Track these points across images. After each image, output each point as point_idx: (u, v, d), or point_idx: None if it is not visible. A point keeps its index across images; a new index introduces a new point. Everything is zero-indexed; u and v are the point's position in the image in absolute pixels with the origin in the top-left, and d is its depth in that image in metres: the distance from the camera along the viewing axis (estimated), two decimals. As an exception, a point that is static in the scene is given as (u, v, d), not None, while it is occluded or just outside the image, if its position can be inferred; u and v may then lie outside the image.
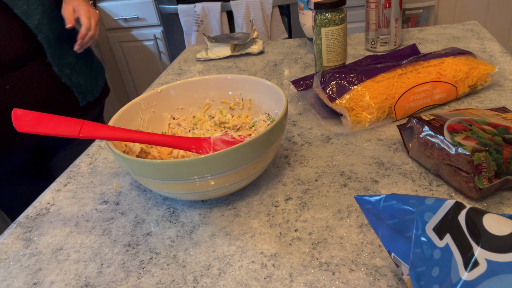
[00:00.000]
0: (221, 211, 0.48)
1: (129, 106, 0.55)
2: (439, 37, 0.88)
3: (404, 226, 0.30)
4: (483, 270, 0.24)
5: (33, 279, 0.42)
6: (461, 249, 0.26)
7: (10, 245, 0.47)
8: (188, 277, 0.40)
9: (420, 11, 1.99)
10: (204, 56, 0.97)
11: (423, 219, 0.29)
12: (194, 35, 1.85)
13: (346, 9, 0.71)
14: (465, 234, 0.26)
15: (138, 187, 0.54)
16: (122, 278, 0.41)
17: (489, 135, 0.43)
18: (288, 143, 0.59)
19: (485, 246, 0.24)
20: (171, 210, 0.49)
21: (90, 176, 0.58)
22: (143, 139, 0.48)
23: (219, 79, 0.60)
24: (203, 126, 0.60)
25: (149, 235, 0.46)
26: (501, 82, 0.66)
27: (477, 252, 0.24)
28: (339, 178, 0.50)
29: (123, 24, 2.11)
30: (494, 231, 0.25)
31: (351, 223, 0.43)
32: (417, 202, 0.30)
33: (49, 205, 0.53)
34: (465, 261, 0.25)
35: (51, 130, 0.45)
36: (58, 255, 0.45)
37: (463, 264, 0.25)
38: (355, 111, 0.58)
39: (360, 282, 0.37)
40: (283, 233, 0.43)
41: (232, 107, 0.61)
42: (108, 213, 0.50)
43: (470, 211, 0.27)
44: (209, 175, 0.43)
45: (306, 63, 0.87)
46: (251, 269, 0.40)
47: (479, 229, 0.25)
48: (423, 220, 0.29)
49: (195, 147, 0.50)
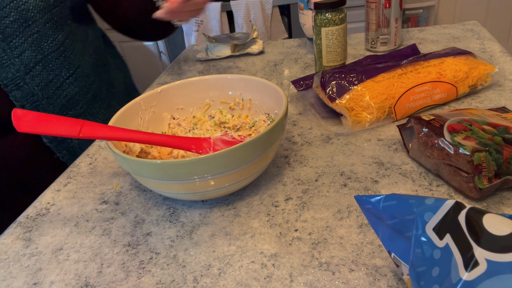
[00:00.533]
0: (221, 211, 0.48)
1: (129, 106, 0.55)
2: (439, 37, 0.88)
3: (404, 226, 0.30)
4: (483, 270, 0.24)
5: (33, 279, 0.42)
6: (461, 249, 0.26)
7: (10, 245, 0.47)
8: (188, 277, 0.40)
9: (420, 11, 1.99)
10: (204, 56, 0.97)
11: (423, 219, 0.29)
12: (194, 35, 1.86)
13: (346, 9, 0.71)
14: (465, 234, 0.26)
15: (138, 187, 0.54)
16: (122, 278, 0.41)
17: (489, 135, 0.43)
18: (288, 143, 0.59)
19: (485, 246, 0.24)
20: (171, 210, 0.49)
21: (90, 176, 0.58)
22: (143, 139, 0.48)
23: (219, 79, 0.60)
24: (203, 126, 0.60)
25: (149, 235, 0.46)
26: (501, 82, 0.66)
27: (477, 252, 0.24)
28: (339, 178, 0.50)
29: (123, 24, 2.11)
30: (494, 231, 0.25)
31: (351, 223, 0.43)
32: (417, 202, 0.30)
33: (49, 205, 0.53)
34: (465, 261, 0.25)
35: (51, 130, 0.45)
36: (58, 255, 0.45)
37: (463, 264, 0.25)
38: (355, 111, 0.58)
39: (360, 282, 0.37)
40: (283, 233, 0.43)
41: (232, 107, 0.61)
42: (108, 213, 0.50)
43: (470, 211, 0.27)
44: (209, 175, 0.43)
45: (306, 63, 0.87)
46: (251, 269, 0.40)
47: (479, 229, 0.25)
48: (423, 220, 0.29)
49: (195, 147, 0.50)
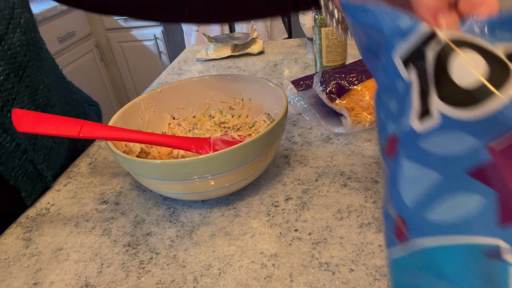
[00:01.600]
0: (221, 211, 0.48)
1: (129, 106, 0.55)
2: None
3: (377, 47, 0.24)
4: (436, 123, 0.19)
5: (33, 279, 0.42)
6: (420, 91, 0.21)
7: (10, 245, 0.47)
8: (188, 277, 0.40)
9: (420, 11, 1.99)
10: (204, 56, 0.97)
11: (391, 43, 0.23)
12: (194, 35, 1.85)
13: (346, 9, 0.71)
14: (429, 75, 0.20)
15: (138, 187, 0.54)
16: (122, 278, 0.41)
17: None
18: (288, 143, 0.59)
19: (444, 97, 0.19)
20: (171, 210, 0.49)
21: (90, 176, 0.58)
22: (143, 139, 0.48)
23: (219, 79, 0.60)
24: (203, 126, 0.60)
25: (149, 235, 0.46)
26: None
27: (434, 101, 0.20)
28: (339, 178, 0.50)
29: (123, 24, 2.12)
30: (459, 81, 0.19)
31: (351, 223, 0.43)
32: (389, 18, 0.23)
33: (49, 205, 0.53)
34: (420, 108, 0.20)
35: (51, 130, 0.45)
36: (58, 255, 0.45)
37: (418, 111, 0.20)
38: (355, 111, 0.58)
39: (360, 282, 0.37)
40: (283, 233, 0.43)
41: (232, 107, 0.61)
42: (108, 213, 0.50)
43: (446, 47, 0.20)
44: (209, 175, 0.43)
45: (306, 63, 0.87)
46: (251, 269, 0.40)
47: (444, 74, 0.20)
48: (391, 45, 0.23)
49: (195, 147, 0.50)
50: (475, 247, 0.17)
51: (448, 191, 0.19)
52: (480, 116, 0.18)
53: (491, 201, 0.17)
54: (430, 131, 0.19)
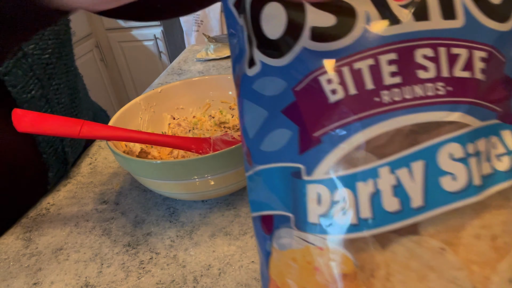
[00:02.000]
0: (221, 211, 0.48)
1: (129, 106, 0.55)
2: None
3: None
4: (258, 70, 0.22)
5: (33, 279, 0.42)
6: (248, 39, 0.22)
7: (10, 245, 0.47)
8: (188, 277, 0.40)
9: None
10: (204, 56, 0.97)
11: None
12: (194, 35, 1.85)
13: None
14: (248, 24, 0.21)
15: (138, 187, 0.54)
16: (122, 278, 0.41)
17: None
18: (288, 143, 0.59)
19: (260, 47, 0.21)
20: (171, 210, 0.49)
21: (90, 176, 0.58)
22: (143, 139, 0.48)
23: (219, 79, 0.60)
24: (203, 126, 0.60)
25: (149, 235, 0.46)
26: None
27: (255, 52, 0.21)
28: (339, 178, 0.50)
29: (123, 24, 2.12)
30: (268, 32, 0.20)
31: (351, 223, 0.43)
32: None
33: (49, 205, 0.53)
34: (249, 55, 0.22)
35: (51, 130, 0.45)
36: (58, 255, 0.45)
37: (248, 57, 0.22)
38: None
39: (360, 282, 0.37)
40: (283, 233, 0.43)
41: (232, 107, 0.61)
42: (108, 213, 0.50)
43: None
44: (209, 175, 0.43)
45: (306, 63, 0.87)
46: (251, 269, 0.40)
47: (258, 25, 0.21)
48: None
49: (195, 147, 0.50)
50: (286, 169, 0.21)
51: (272, 127, 0.22)
52: (285, 63, 0.21)
53: (296, 135, 0.21)
54: (256, 75, 0.22)
